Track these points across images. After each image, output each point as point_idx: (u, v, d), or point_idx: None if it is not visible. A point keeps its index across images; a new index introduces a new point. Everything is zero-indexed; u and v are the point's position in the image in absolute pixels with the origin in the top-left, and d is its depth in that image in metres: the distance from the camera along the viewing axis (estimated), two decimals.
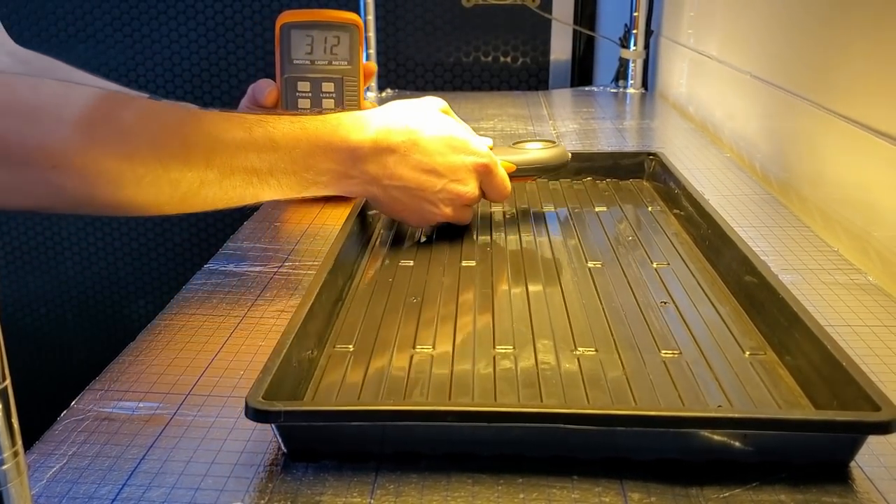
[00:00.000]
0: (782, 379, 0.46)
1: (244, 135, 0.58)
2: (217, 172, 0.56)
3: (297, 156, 0.60)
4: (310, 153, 0.60)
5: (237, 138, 0.57)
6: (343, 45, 0.79)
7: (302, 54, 0.79)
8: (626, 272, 0.61)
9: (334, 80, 0.79)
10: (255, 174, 0.58)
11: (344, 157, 0.62)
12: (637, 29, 1.40)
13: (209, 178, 0.56)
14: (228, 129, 0.57)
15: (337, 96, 0.80)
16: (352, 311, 0.56)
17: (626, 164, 0.85)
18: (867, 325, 0.53)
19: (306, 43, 0.79)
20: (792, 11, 0.87)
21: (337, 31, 0.79)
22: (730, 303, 0.56)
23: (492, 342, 0.51)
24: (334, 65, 0.79)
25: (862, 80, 0.70)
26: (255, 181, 0.58)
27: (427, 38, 1.63)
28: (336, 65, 0.79)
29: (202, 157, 0.56)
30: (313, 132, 0.61)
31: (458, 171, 0.65)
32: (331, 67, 0.79)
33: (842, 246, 0.68)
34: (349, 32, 0.79)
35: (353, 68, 0.80)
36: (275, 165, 0.59)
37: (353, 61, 0.80)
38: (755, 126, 0.96)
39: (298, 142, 0.60)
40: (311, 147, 0.60)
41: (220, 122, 0.58)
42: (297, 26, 0.78)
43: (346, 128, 0.62)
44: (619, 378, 0.46)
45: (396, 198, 0.65)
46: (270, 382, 0.40)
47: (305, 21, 0.78)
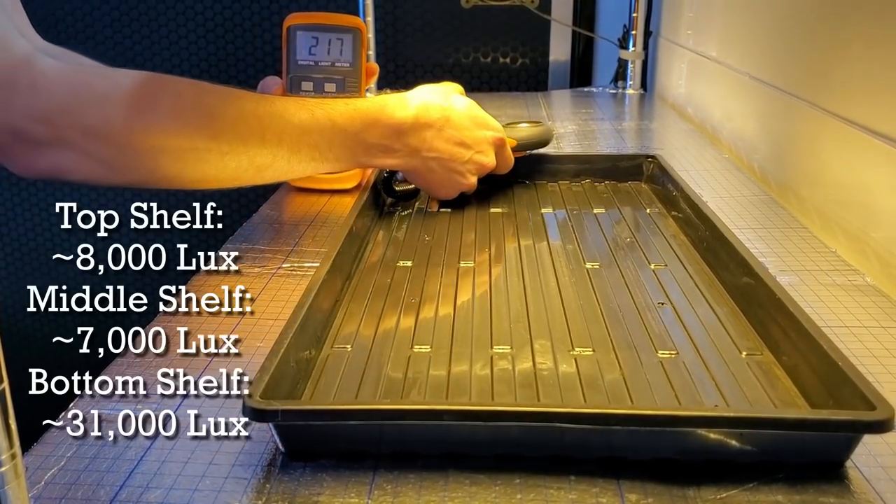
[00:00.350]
0: (779, 379, 0.46)
1: (308, 116, 0.66)
2: (287, 149, 0.65)
3: (352, 132, 0.68)
4: (362, 129, 0.69)
5: (303, 119, 0.66)
6: (346, 47, 0.82)
7: (306, 55, 0.82)
8: (623, 273, 0.62)
9: (336, 80, 0.82)
10: (317, 149, 0.67)
11: (390, 132, 0.70)
12: (636, 30, 1.40)
13: (280, 153, 0.65)
14: (295, 111, 0.66)
15: (338, 95, 0.82)
16: (350, 311, 0.56)
17: (624, 166, 0.85)
18: (864, 325, 0.54)
19: (311, 44, 0.82)
20: (790, 13, 0.87)
21: (341, 34, 0.82)
22: (727, 304, 0.56)
23: (489, 342, 0.51)
24: (337, 66, 0.82)
25: (860, 81, 0.70)
26: (318, 155, 0.67)
27: (426, 38, 1.63)
28: (339, 66, 0.82)
29: (275, 136, 0.64)
30: (364, 111, 0.69)
31: (482, 143, 0.75)
32: (333, 68, 0.82)
33: (840, 247, 0.68)
34: (352, 35, 0.82)
35: (354, 69, 0.82)
36: (333, 141, 0.67)
37: (355, 63, 0.82)
38: (754, 127, 0.96)
39: (353, 120, 0.68)
40: (363, 124, 0.69)
41: (288, 105, 0.66)
42: (303, 28, 0.82)
43: (391, 107, 0.70)
44: (616, 378, 0.46)
45: (432, 168, 0.73)
46: (268, 382, 0.40)
47: (311, 24, 0.82)
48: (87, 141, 0.59)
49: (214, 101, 0.63)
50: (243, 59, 1.69)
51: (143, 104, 0.60)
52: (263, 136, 0.64)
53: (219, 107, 0.62)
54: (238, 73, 1.69)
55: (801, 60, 0.83)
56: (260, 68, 1.69)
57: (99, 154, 0.60)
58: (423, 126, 0.71)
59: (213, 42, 1.68)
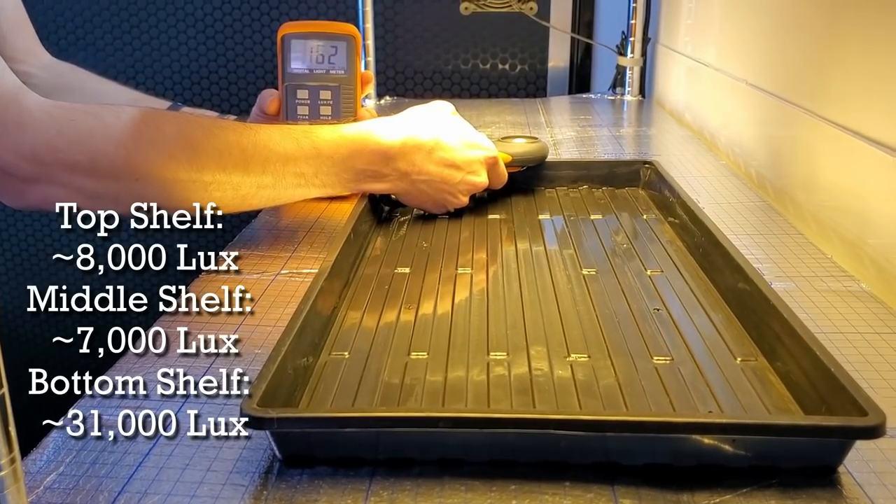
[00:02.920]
0: (773, 385, 0.46)
1: (293, 145, 0.67)
2: (272, 177, 0.67)
3: (338, 159, 0.69)
4: (349, 156, 0.70)
5: (287, 149, 0.67)
6: (340, 55, 0.82)
7: (301, 63, 0.82)
8: (620, 280, 0.62)
9: (331, 88, 0.82)
10: (303, 177, 0.68)
11: (377, 157, 0.71)
12: (634, 37, 1.41)
13: (265, 182, 0.67)
14: (279, 141, 0.67)
15: (334, 103, 0.82)
16: (348, 317, 0.56)
17: (621, 172, 0.86)
18: (859, 332, 0.54)
19: (305, 53, 0.82)
20: (787, 21, 0.87)
21: (335, 42, 0.82)
22: (722, 310, 0.56)
23: (486, 349, 0.51)
24: (331, 73, 0.82)
25: (855, 88, 0.71)
26: (304, 182, 0.69)
27: (425, 45, 1.64)
28: (333, 73, 0.82)
29: (259, 165, 0.66)
30: (350, 138, 0.70)
31: (473, 163, 0.75)
32: (328, 76, 0.82)
33: (836, 253, 0.69)
34: (346, 43, 0.82)
35: (349, 77, 0.82)
36: (319, 169, 0.69)
37: (349, 70, 0.82)
38: (751, 133, 0.96)
39: (338, 147, 0.69)
40: (349, 151, 0.70)
41: (273, 134, 0.67)
42: (297, 37, 0.82)
43: (378, 132, 0.71)
44: (611, 384, 0.47)
45: (423, 190, 0.74)
46: (265, 389, 0.40)
47: (305, 32, 0.82)
48: (73, 176, 0.61)
49: (198, 133, 0.64)
50: (243, 66, 1.69)
51: (126, 140, 0.62)
52: (247, 167, 0.65)
53: (202, 139, 0.64)
54: (238, 80, 1.70)
55: (798, 68, 0.84)
56: (260, 74, 1.70)
57: (84, 188, 0.62)
58: (412, 150, 0.72)
59: (213, 49, 1.69)
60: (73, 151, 0.60)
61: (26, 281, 1.83)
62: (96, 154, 0.61)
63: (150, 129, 0.62)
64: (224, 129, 0.66)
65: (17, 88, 0.60)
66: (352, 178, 0.71)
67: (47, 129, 0.60)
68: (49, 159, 0.60)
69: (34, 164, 0.60)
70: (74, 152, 0.60)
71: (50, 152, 0.60)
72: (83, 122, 0.61)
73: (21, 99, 0.60)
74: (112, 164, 0.61)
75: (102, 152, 0.61)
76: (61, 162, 0.60)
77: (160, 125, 0.63)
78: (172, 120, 0.65)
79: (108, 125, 0.62)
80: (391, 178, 0.72)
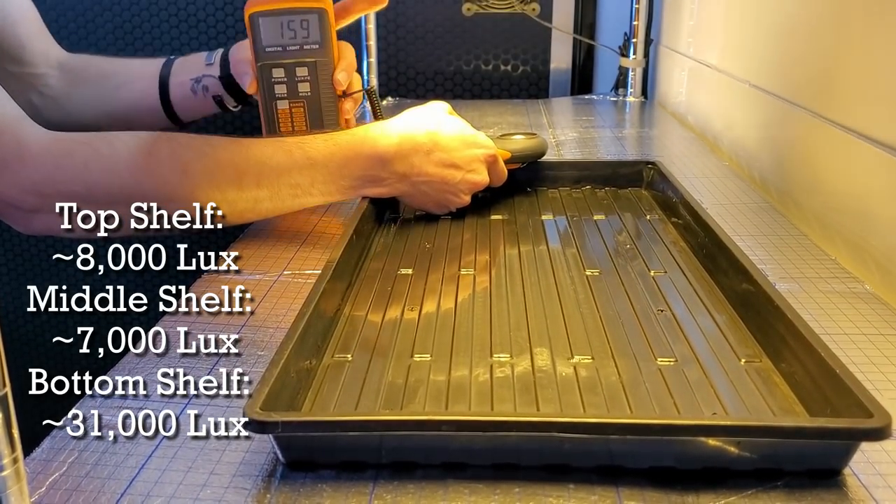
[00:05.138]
0: (777, 386, 0.46)
1: (286, 158, 0.68)
2: (267, 191, 0.67)
3: (333, 167, 0.69)
4: (343, 164, 0.70)
5: (281, 162, 0.67)
6: (313, 27, 0.78)
7: (272, 41, 0.78)
8: (623, 280, 0.62)
9: (307, 64, 0.78)
10: (298, 188, 0.68)
11: (374, 162, 0.71)
12: (637, 38, 1.41)
13: (261, 196, 0.67)
14: (272, 154, 0.68)
15: (312, 80, 0.79)
16: (351, 319, 0.56)
17: (624, 172, 0.86)
18: (864, 333, 0.54)
19: (276, 30, 0.78)
20: (790, 22, 0.87)
21: (305, 16, 0.77)
22: (726, 311, 0.56)
23: (489, 351, 0.51)
24: (306, 49, 0.78)
25: (859, 89, 0.70)
26: (300, 192, 0.69)
27: (427, 46, 1.63)
28: (308, 48, 0.78)
29: (253, 180, 0.66)
30: (344, 145, 0.70)
31: (472, 162, 0.75)
32: (303, 52, 0.78)
33: (840, 254, 0.69)
34: (318, 15, 0.77)
35: (325, 50, 0.78)
36: (315, 178, 0.69)
37: (324, 44, 0.78)
38: (754, 135, 0.96)
39: (333, 156, 0.69)
40: (343, 158, 0.70)
41: (265, 149, 0.68)
42: (264, 14, 0.77)
43: (373, 137, 0.71)
44: (615, 386, 0.47)
45: (424, 192, 0.74)
46: (268, 393, 0.40)
47: (272, 8, 0.77)
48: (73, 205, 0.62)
49: (189, 154, 0.65)
50: None
51: (119, 168, 0.63)
52: (241, 183, 0.66)
53: (194, 161, 0.65)
54: None
55: (801, 69, 0.83)
56: None
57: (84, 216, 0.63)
58: (410, 152, 0.71)
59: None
60: (70, 183, 0.62)
61: (27, 281, 1.83)
62: (92, 184, 0.63)
63: (142, 156, 0.64)
64: (216, 147, 0.66)
65: (18, 121, 0.63)
66: (350, 185, 0.71)
67: (45, 162, 0.62)
68: (49, 191, 0.62)
69: (35, 197, 0.62)
70: (72, 183, 0.63)
71: (49, 185, 0.62)
72: (79, 154, 0.63)
73: (21, 133, 0.62)
74: (108, 192, 0.63)
75: (98, 182, 0.63)
76: (60, 193, 0.62)
77: (152, 151, 0.64)
78: (165, 144, 0.65)
79: (103, 155, 0.63)
80: (390, 182, 0.72)
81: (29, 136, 0.62)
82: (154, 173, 0.64)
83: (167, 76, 0.90)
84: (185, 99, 0.91)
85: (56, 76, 0.94)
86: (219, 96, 0.88)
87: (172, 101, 0.90)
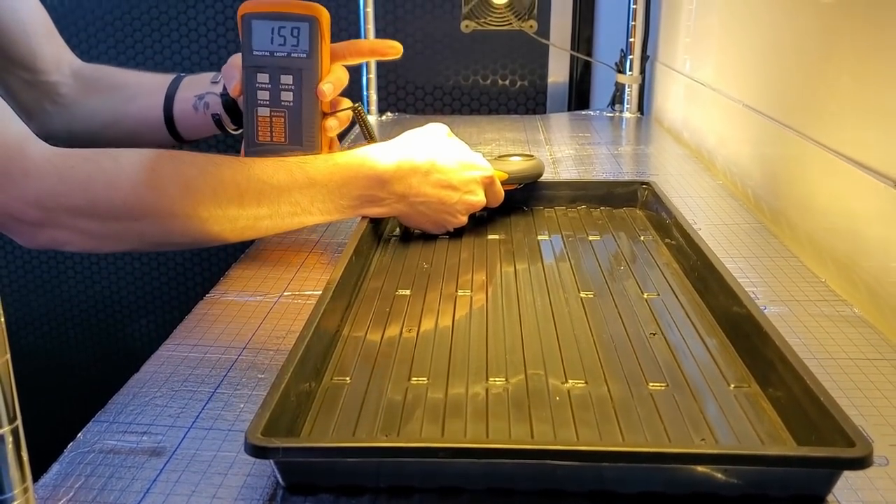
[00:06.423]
0: (765, 412, 0.47)
1: (287, 177, 0.69)
2: (268, 209, 0.68)
3: (333, 187, 0.70)
4: (343, 183, 0.71)
5: (282, 181, 0.69)
6: (303, 36, 0.76)
7: (261, 45, 0.77)
8: (617, 303, 0.63)
9: (293, 72, 0.77)
10: (299, 206, 0.70)
11: (373, 182, 0.72)
12: (633, 54, 1.42)
13: (262, 213, 0.68)
14: (273, 173, 0.69)
15: (296, 89, 0.77)
16: (349, 341, 0.58)
17: (619, 192, 0.87)
18: (851, 358, 0.55)
19: (266, 34, 0.76)
20: (783, 45, 0.89)
21: (296, 23, 0.76)
22: (717, 335, 0.57)
23: (485, 374, 0.52)
24: (293, 57, 0.77)
25: (848, 115, 0.72)
26: (300, 211, 0.70)
27: (426, 62, 1.65)
28: (295, 57, 0.77)
29: (254, 198, 0.67)
30: (344, 165, 0.71)
31: (470, 183, 0.77)
32: (289, 59, 0.77)
33: (830, 276, 0.70)
34: (309, 24, 0.76)
35: (312, 61, 0.77)
36: (315, 197, 0.70)
37: (312, 54, 0.77)
38: (747, 153, 0.97)
39: (332, 175, 0.70)
40: (343, 178, 0.71)
41: (266, 167, 0.69)
42: (257, 17, 0.76)
43: (372, 158, 0.72)
44: (607, 410, 0.48)
45: (422, 212, 0.75)
46: (269, 418, 0.41)
47: (265, 11, 0.76)
48: (76, 219, 0.64)
49: (192, 171, 0.66)
50: None
51: (122, 183, 0.64)
52: (242, 201, 0.67)
53: (196, 177, 0.66)
54: None
55: (793, 93, 0.85)
56: None
57: (87, 230, 0.65)
58: (408, 173, 0.73)
59: (214, 65, 1.70)
60: (73, 196, 0.63)
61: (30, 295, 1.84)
62: (95, 198, 0.63)
63: (145, 172, 0.64)
64: (218, 165, 0.67)
65: (24, 138, 0.63)
66: (349, 205, 0.72)
67: (49, 176, 0.62)
68: (52, 205, 0.63)
69: (39, 210, 0.63)
70: (75, 197, 0.63)
71: (52, 198, 0.63)
72: (82, 168, 0.64)
73: (26, 148, 0.63)
74: (111, 207, 0.64)
75: (101, 196, 0.63)
76: (63, 206, 0.63)
77: (155, 167, 0.65)
78: (168, 160, 0.66)
79: (105, 170, 0.64)
80: (389, 202, 0.74)
81: (34, 151, 0.63)
82: (156, 189, 0.64)
83: (174, 92, 0.92)
84: (186, 116, 0.92)
85: (69, 84, 0.95)
86: (217, 115, 0.90)
87: (175, 117, 0.92)
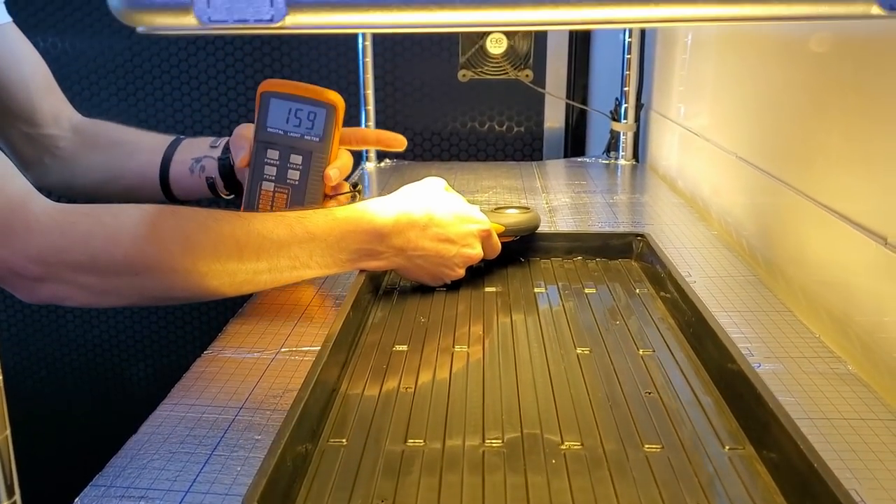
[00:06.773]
0: (759, 476, 0.48)
1: (286, 231, 0.69)
2: (266, 263, 0.69)
3: (332, 241, 0.71)
4: (342, 238, 0.72)
5: (281, 235, 0.69)
6: (318, 121, 0.80)
7: (277, 123, 0.80)
8: (613, 360, 0.63)
9: (303, 153, 0.80)
10: (297, 260, 0.70)
11: (371, 236, 0.73)
12: (628, 103, 1.44)
13: (261, 268, 0.69)
14: (273, 228, 0.69)
15: (303, 169, 0.80)
16: (346, 400, 0.58)
17: (615, 244, 0.88)
18: (845, 418, 0.55)
19: (283, 113, 0.80)
20: (775, 100, 0.90)
21: (314, 108, 0.80)
22: (712, 393, 0.58)
23: (482, 434, 0.53)
24: (306, 139, 0.80)
25: (838, 172, 0.73)
26: (299, 265, 0.70)
27: (424, 108, 1.67)
28: (308, 139, 0.80)
29: (253, 253, 0.68)
30: (343, 220, 0.72)
31: (467, 237, 0.78)
32: (302, 141, 0.80)
33: (824, 330, 0.70)
34: (326, 110, 0.80)
35: (323, 145, 0.80)
36: (314, 251, 0.71)
37: (325, 139, 0.80)
38: (742, 204, 0.99)
39: (331, 230, 0.71)
40: (342, 232, 0.72)
41: (266, 223, 0.69)
42: (276, 96, 0.80)
43: (371, 212, 0.73)
44: (602, 472, 0.48)
45: (420, 265, 0.76)
46: (265, 485, 0.42)
47: (285, 93, 0.80)
48: (77, 275, 0.64)
49: (192, 227, 0.67)
50: None
51: (122, 238, 0.64)
52: (241, 255, 0.67)
53: (197, 233, 0.66)
54: None
55: (785, 147, 0.86)
56: None
57: (88, 285, 0.65)
58: (406, 227, 0.74)
59: (215, 111, 1.72)
60: (74, 252, 0.63)
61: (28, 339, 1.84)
62: (96, 253, 0.64)
63: (146, 227, 0.65)
64: (218, 220, 0.68)
65: (26, 193, 0.64)
66: (348, 258, 0.73)
67: (51, 231, 0.63)
68: (53, 260, 0.63)
69: (40, 265, 0.63)
70: (76, 252, 0.63)
71: (54, 253, 0.63)
72: (83, 224, 0.64)
73: (28, 203, 0.63)
74: (111, 262, 0.64)
75: (101, 251, 0.64)
76: (64, 262, 0.63)
77: (155, 222, 0.65)
78: (168, 216, 0.67)
79: (106, 225, 0.65)
80: (387, 256, 0.74)
81: (36, 206, 0.63)
82: (157, 244, 0.65)
83: (172, 153, 0.93)
84: (182, 177, 0.93)
85: (68, 138, 0.97)
86: (212, 179, 0.91)
87: (171, 177, 0.93)
